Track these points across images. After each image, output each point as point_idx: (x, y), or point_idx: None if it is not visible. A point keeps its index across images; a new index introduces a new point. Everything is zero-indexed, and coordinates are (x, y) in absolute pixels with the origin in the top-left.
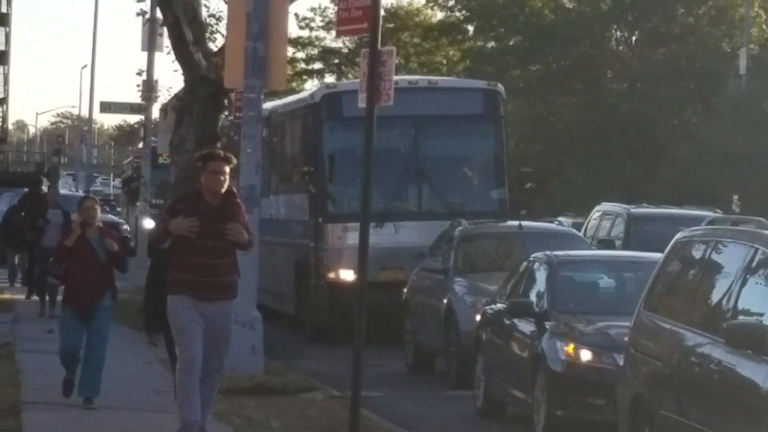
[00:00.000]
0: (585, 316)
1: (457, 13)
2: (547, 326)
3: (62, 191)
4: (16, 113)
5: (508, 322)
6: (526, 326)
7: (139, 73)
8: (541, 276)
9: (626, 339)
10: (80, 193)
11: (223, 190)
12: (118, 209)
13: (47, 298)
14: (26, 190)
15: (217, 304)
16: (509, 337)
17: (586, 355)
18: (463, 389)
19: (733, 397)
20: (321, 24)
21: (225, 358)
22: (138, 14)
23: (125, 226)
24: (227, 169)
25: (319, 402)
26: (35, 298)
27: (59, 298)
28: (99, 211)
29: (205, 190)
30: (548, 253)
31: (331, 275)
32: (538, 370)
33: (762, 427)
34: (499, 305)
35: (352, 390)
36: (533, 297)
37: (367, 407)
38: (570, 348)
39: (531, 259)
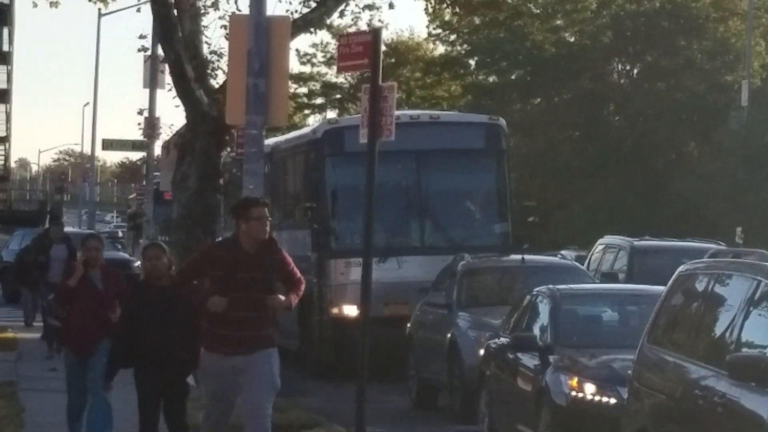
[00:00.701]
0: (588, 350)
1: (459, 48)
2: (551, 360)
3: (69, 229)
4: (18, 151)
5: (511, 356)
6: (529, 360)
7: (140, 112)
8: (544, 310)
9: (630, 372)
10: (85, 230)
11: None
12: (118, 246)
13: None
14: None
15: (256, 355)
16: (513, 371)
17: (590, 388)
18: (467, 424)
19: (738, 430)
20: (322, 60)
21: (269, 413)
22: (139, 51)
23: (137, 263)
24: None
25: None
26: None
27: None
28: (103, 251)
29: (246, 237)
30: (551, 286)
31: (335, 310)
32: (543, 404)
33: None
34: (503, 339)
35: (356, 426)
36: (537, 331)
37: None
38: (574, 381)
39: (534, 292)
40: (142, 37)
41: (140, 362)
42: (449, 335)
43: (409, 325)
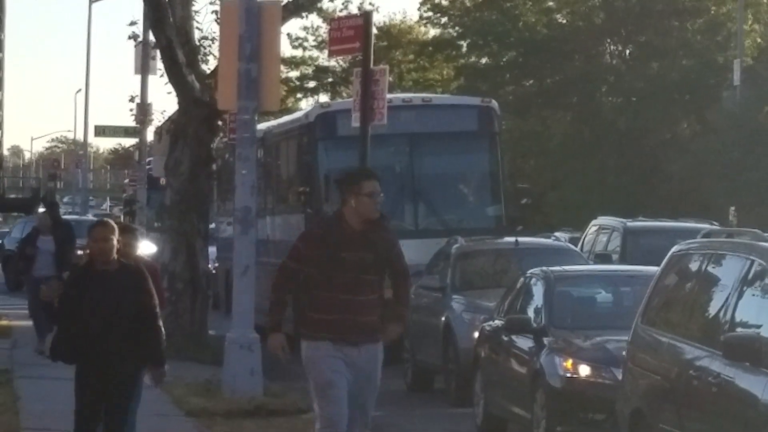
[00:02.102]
0: (583, 331)
1: (451, 30)
2: (545, 342)
3: (72, 216)
4: (11, 139)
5: (506, 338)
6: (524, 342)
7: (132, 99)
8: (538, 292)
9: (624, 353)
10: (90, 217)
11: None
12: None
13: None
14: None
15: (363, 348)
16: (508, 353)
17: (585, 370)
18: (462, 407)
19: (732, 410)
20: (314, 43)
21: (371, 413)
22: (130, 37)
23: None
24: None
25: None
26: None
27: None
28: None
29: (354, 215)
30: (545, 268)
31: None
32: (538, 387)
33: None
34: (497, 322)
35: None
36: (531, 313)
37: None
38: (569, 363)
39: (528, 275)
40: (133, 23)
41: (81, 360)
42: (443, 318)
43: None
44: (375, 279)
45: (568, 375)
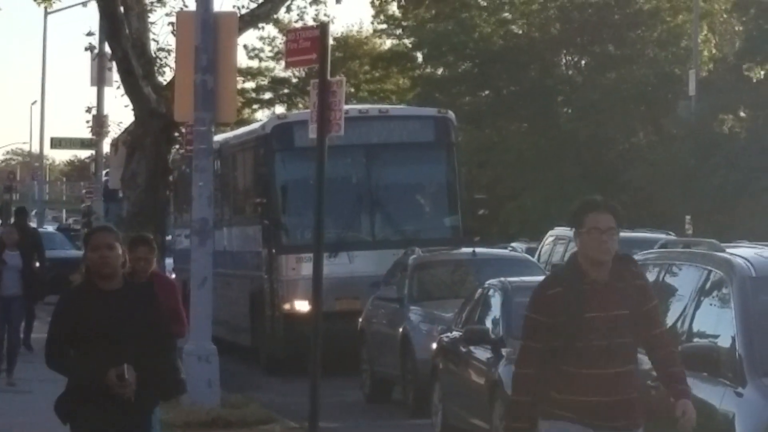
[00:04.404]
0: None
1: (406, 41)
2: (503, 353)
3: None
4: None
5: (464, 349)
6: (482, 353)
7: (89, 110)
8: (496, 302)
9: None
10: (50, 229)
11: (610, 257)
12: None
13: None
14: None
15: (630, 430)
16: (466, 364)
17: None
18: (421, 418)
19: None
20: (270, 54)
21: None
22: (87, 49)
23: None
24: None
25: None
26: None
27: None
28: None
29: (585, 260)
30: (503, 279)
31: (286, 306)
32: (496, 397)
33: None
34: (455, 333)
35: (310, 421)
36: (489, 324)
37: None
38: None
39: (486, 285)
40: (90, 34)
41: (81, 405)
42: (401, 329)
43: (360, 319)
44: (630, 343)
45: None
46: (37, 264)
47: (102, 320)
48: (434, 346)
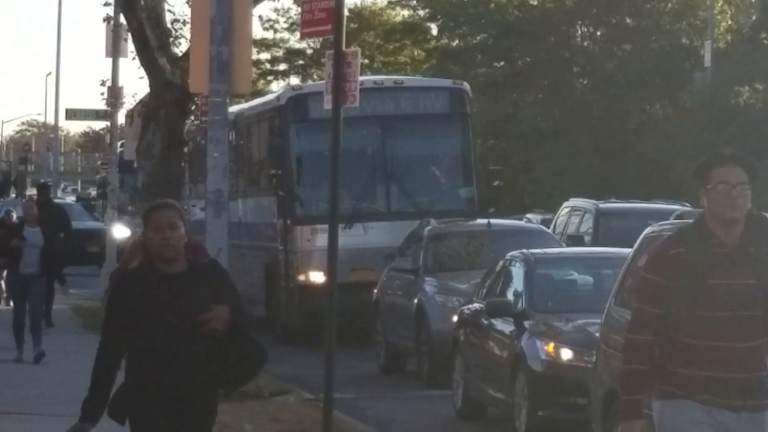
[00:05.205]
0: (564, 315)
1: (420, 12)
2: (526, 325)
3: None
4: None
5: (486, 322)
6: (504, 326)
7: (103, 83)
8: (518, 275)
9: (598, 335)
10: (69, 200)
11: (742, 215)
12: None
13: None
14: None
15: (744, 416)
16: (488, 337)
17: (566, 353)
18: (435, 389)
19: None
20: (285, 26)
21: None
22: (104, 20)
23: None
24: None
25: (292, 405)
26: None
27: None
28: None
29: (713, 220)
30: (525, 251)
31: (301, 277)
32: (519, 370)
33: None
34: (477, 305)
35: (325, 392)
36: (511, 296)
37: (340, 409)
38: (550, 347)
39: (507, 257)
40: (106, 4)
41: (140, 408)
42: (416, 300)
43: (375, 290)
44: (758, 316)
45: (550, 359)
46: (62, 235)
47: (169, 309)
48: (449, 317)
